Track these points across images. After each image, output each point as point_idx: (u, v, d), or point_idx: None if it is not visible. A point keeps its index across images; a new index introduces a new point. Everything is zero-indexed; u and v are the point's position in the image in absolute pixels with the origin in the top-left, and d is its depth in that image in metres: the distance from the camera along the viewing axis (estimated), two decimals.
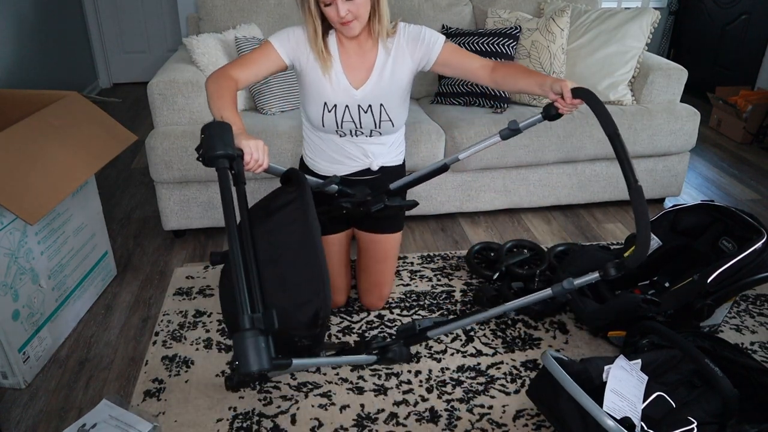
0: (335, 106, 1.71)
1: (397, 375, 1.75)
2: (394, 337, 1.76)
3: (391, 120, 1.75)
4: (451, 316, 2.00)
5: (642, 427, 1.40)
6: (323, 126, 1.75)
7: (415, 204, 1.82)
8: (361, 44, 1.71)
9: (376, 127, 1.76)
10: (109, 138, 1.94)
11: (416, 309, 2.05)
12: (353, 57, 1.72)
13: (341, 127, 1.75)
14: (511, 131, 1.64)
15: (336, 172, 1.83)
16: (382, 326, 1.96)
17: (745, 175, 3.18)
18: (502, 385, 1.73)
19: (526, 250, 2.29)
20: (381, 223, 1.91)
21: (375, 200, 1.75)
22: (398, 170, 1.92)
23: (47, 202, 1.62)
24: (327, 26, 1.67)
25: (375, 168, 1.84)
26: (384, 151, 1.84)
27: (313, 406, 1.65)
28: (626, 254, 1.55)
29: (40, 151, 1.70)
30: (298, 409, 1.64)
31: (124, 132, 2.00)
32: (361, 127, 1.75)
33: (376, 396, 1.68)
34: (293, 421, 1.60)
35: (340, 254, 1.97)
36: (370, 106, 1.72)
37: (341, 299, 2.03)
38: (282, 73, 2.50)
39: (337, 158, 1.83)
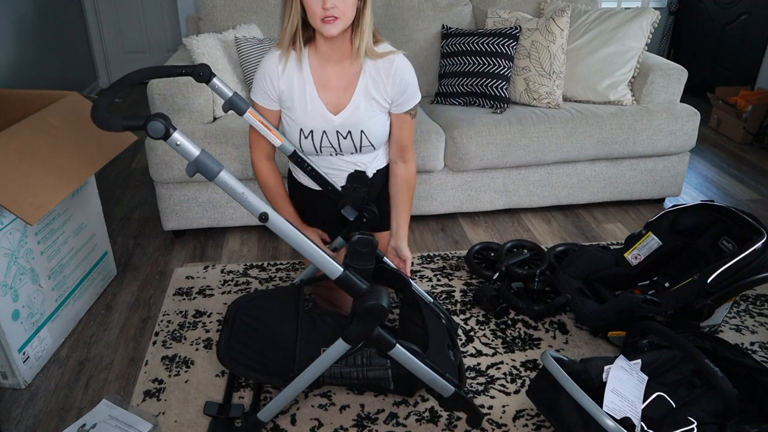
0: (311, 132, 1.63)
1: None
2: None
3: (372, 144, 1.67)
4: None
5: (642, 427, 1.40)
6: (302, 149, 1.69)
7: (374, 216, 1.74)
8: (340, 60, 1.60)
9: (356, 151, 1.69)
10: (109, 138, 1.94)
11: None
12: (330, 76, 1.61)
13: (320, 152, 1.68)
14: None
15: (335, 184, 1.78)
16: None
17: (745, 175, 3.18)
18: (502, 385, 1.73)
19: (526, 250, 2.29)
20: (381, 221, 1.87)
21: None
22: (382, 174, 1.82)
23: (47, 203, 1.62)
24: (306, 34, 1.58)
25: (370, 175, 1.76)
26: (373, 159, 1.76)
27: (313, 406, 1.65)
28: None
29: (40, 151, 1.70)
30: (298, 409, 1.64)
31: (124, 132, 2.00)
32: (341, 151, 1.68)
33: (376, 396, 1.68)
34: (293, 421, 1.60)
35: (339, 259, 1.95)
36: (349, 132, 1.63)
37: (346, 301, 2.00)
38: None
39: (330, 172, 1.75)
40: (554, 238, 2.53)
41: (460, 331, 1.94)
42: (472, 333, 1.94)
